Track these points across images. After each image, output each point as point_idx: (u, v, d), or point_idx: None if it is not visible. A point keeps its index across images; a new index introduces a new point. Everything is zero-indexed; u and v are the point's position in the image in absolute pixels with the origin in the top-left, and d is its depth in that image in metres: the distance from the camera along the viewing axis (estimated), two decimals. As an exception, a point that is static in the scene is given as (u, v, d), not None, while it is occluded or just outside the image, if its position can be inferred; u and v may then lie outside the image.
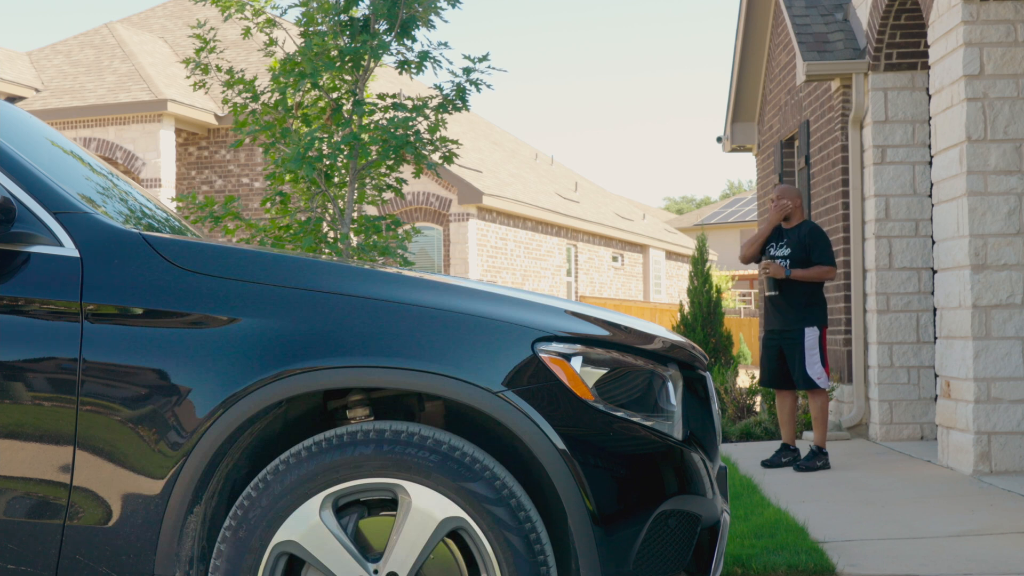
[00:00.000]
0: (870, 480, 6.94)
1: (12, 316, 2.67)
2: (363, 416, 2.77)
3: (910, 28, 8.76)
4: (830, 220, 9.97)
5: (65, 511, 2.62)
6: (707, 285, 13.81)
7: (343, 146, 7.61)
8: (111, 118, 18.77)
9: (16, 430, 2.64)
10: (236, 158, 19.52)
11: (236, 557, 2.59)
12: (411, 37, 7.97)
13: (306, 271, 2.82)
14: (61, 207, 2.74)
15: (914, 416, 8.85)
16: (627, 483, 2.66)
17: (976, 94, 6.89)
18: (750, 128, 13.93)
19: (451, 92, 7.96)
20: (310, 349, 2.62)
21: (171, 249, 2.75)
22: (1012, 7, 6.90)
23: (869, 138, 8.99)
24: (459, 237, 21.30)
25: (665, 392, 2.78)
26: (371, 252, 7.76)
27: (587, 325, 2.84)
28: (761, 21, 12.92)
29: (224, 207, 7.77)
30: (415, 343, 2.64)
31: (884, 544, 5.07)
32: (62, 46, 21.33)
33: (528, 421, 2.59)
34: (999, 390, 6.86)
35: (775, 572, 4.56)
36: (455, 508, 2.57)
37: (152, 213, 3.40)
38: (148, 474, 2.59)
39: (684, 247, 34.18)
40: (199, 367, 2.62)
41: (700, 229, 18.84)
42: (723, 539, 2.93)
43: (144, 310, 2.67)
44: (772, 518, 5.52)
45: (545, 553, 2.59)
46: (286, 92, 7.77)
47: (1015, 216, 6.89)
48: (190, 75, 8.21)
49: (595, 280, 28.01)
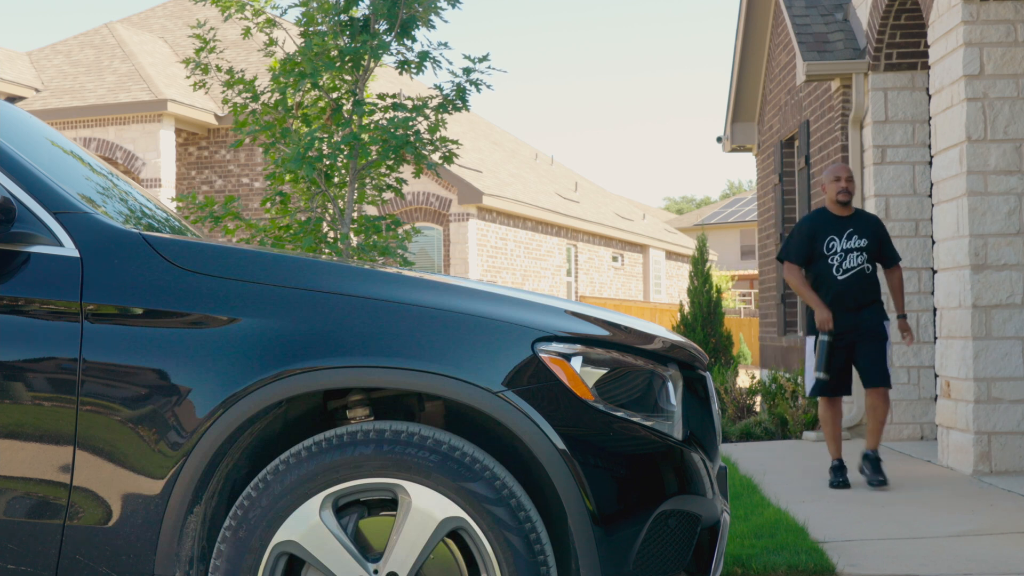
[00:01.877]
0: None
1: (12, 316, 2.67)
2: (363, 416, 2.77)
3: (910, 28, 8.75)
4: (830, 220, 9.97)
5: (65, 511, 2.62)
6: (707, 285, 13.82)
7: (343, 146, 7.61)
8: (111, 118, 18.77)
9: (16, 430, 2.64)
10: (236, 158, 19.52)
11: (236, 557, 2.59)
12: (411, 37, 7.98)
13: (306, 271, 2.81)
14: (61, 207, 2.74)
15: (914, 416, 8.85)
16: (627, 483, 2.66)
17: (976, 94, 6.89)
18: (750, 128, 13.92)
19: (451, 92, 7.96)
20: (310, 349, 2.62)
21: (171, 249, 2.75)
22: (1012, 7, 6.90)
23: (869, 138, 8.99)
24: (459, 237, 21.30)
25: (665, 392, 2.78)
26: (371, 252, 7.77)
27: (587, 325, 2.84)
28: (761, 21, 12.92)
29: (224, 207, 7.77)
30: (415, 343, 2.64)
31: (884, 544, 5.07)
32: (62, 46, 21.33)
33: (528, 421, 2.59)
34: (999, 390, 6.86)
35: (775, 572, 4.56)
36: (455, 508, 2.56)
37: (152, 213, 3.40)
38: (148, 474, 2.59)
39: (684, 247, 34.18)
40: (199, 367, 2.62)
41: (700, 229, 18.85)
42: (723, 539, 2.93)
43: (144, 310, 2.67)
44: (772, 518, 5.52)
45: (545, 553, 2.59)
46: (286, 92, 7.78)
47: (1015, 216, 6.89)
48: (190, 75, 8.21)
49: (595, 280, 28.01)
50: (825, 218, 6.84)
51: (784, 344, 12.10)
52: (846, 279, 6.67)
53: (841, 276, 6.67)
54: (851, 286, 6.68)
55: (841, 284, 6.67)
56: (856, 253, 6.71)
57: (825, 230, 6.76)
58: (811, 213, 7.04)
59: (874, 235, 6.79)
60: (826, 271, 6.71)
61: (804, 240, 6.78)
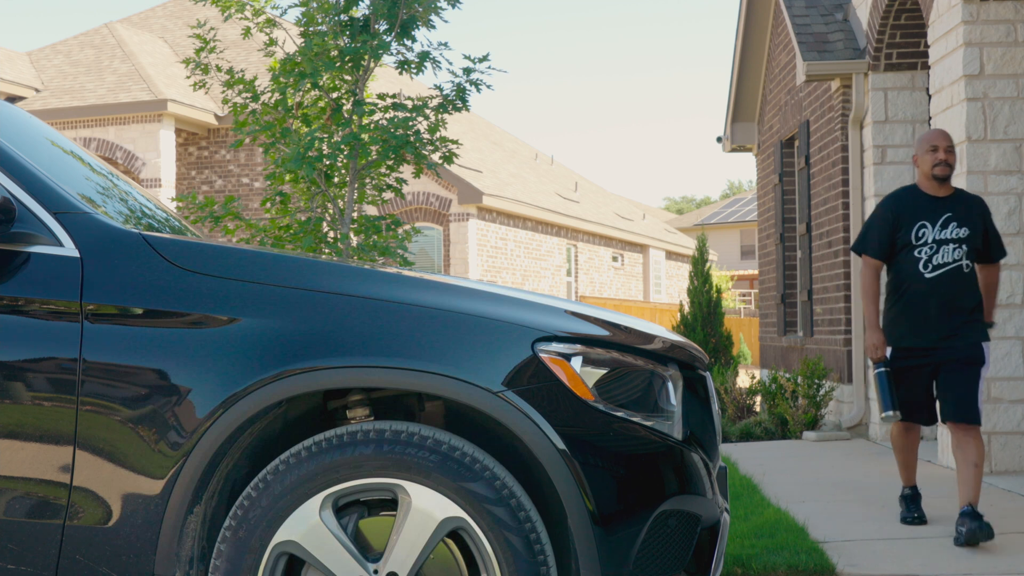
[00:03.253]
0: (870, 480, 6.94)
1: (12, 316, 2.67)
2: (363, 416, 2.77)
3: (910, 28, 8.76)
4: (830, 220, 9.97)
5: (65, 511, 2.62)
6: (707, 285, 13.82)
7: (343, 146, 7.61)
8: (111, 118, 18.77)
9: (16, 430, 2.64)
10: (236, 158, 19.52)
11: (236, 557, 2.59)
12: (411, 37, 7.97)
13: (306, 271, 2.82)
14: (61, 207, 2.74)
15: (914, 416, 8.83)
16: (627, 483, 2.66)
17: (976, 94, 6.89)
18: (750, 128, 13.93)
19: (451, 92, 7.96)
20: (310, 349, 2.62)
21: (171, 249, 2.75)
22: (1012, 7, 6.90)
23: (869, 138, 8.99)
24: (459, 237, 21.30)
25: (665, 392, 2.78)
26: (371, 252, 7.76)
27: (587, 325, 2.84)
28: (761, 21, 12.92)
29: (224, 207, 7.77)
30: (415, 343, 2.64)
31: (884, 544, 5.07)
32: (62, 46, 21.33)
33: (528, 421, 2.59)
34: (999, 390, 6.86)
35: (775, 572, 4.56)
36: (455, 508, 2.57)
37: (152, 213, 3.40)
38: (148, 474, 2.59)
39: (684, 247, 34.18)
40: (199, 367, 2.62)
41: (700, 229, 18.86)
42: (723, 539, 2.93)
43: (144, 310, 2.67)
44: (772, 518, 5.53)
45: (545, 553, 2.60)
46: (286, 92, 7.77)
47: (1015, 216, 6.89)
48: (190, 75, 8.21)
49: (595, 280, 28.01)
50: (915, 198, 5.34)
51: (784, 344, 12.11)
52: (936, 278, 5.21)
53: (930, 274, 5.21)
54: (942, 288, 5.21)
55: (929, 285, 5.21)
56: (953, 246, 5.22)
57: (914, 214, 5.28)
58: (897, 191, 5.51)
59: (978, 223, 5.30)
60: (911, 267, 5.25)
61: (887, 227, 5.33)
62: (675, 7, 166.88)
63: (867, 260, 5.42)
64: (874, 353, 5.33)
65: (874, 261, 5.39)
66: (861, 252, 5.46)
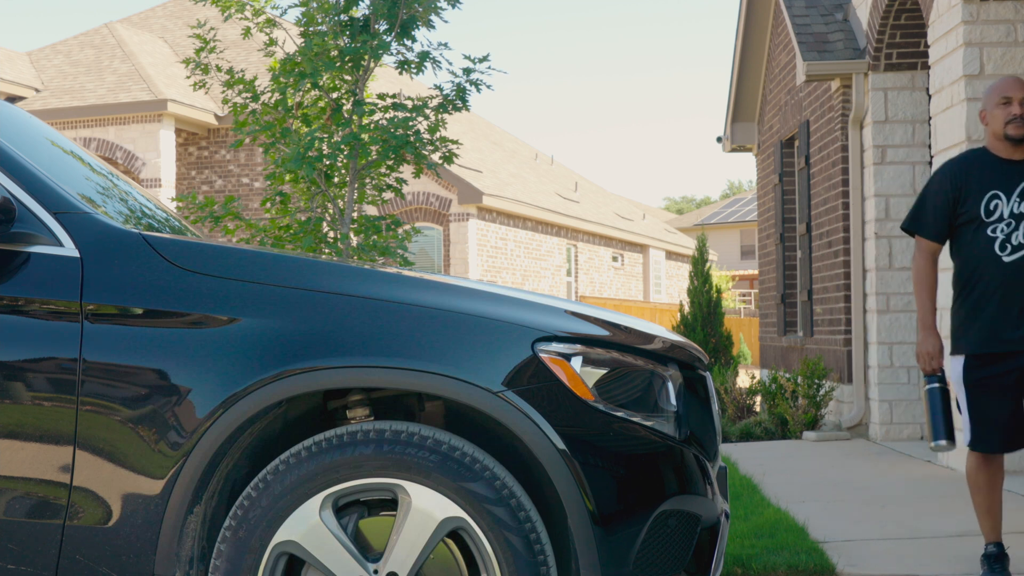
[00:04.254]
0: (870, 480, 6.94)
1: (12, 316, 2.67)
2: (363, 416, 2.77)
3: (910, 28, 8.76)
4: (830, 220, 9.97)
5: (65, 511, 2.62)
6: (707, 285, 13.82)
7: (343, 146, 7.61)
8: (111, 118, 18.78)
9: (16, 430, 2.64)
10: (236, 158, 19.52)
11: (236, 557, 2.59)
12: (411, 37, 7.97)
13: (306, 271, 2.82)
14: (61, 207, 2.74)
15: (914, 416, 8.85)
16: (627, 483, 2.66)
17: (976, 94, 6.88)
18: (750, 128, 13.93)
19: (451, 92, 7.96)
20: (310, 349, 2.62)
21: (171, 249, 2.75)
22: (1012, 7, 6.90)
23: (869, 138, 8.99)
24: (459, 237, 21.30)
25: (665, 392, 2.78)
26: (371, 252, 7.76)
27: (587, 325, 2.84)
28: (761, 21, 12.92)
29: (224, 207, 7.76)
30: (415, 343, 2.64)
31: (884, 544, 5.07)
32: (62, 46, 21.33)
33: (528, 421, 2.59)
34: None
35: (775, 572, 4.56)
36: (455, 508, 2.57)
37: (152, 213, 3.40)
38: (148, 474, 2.59)
39: (684, 247, 34.18)
40: (199, 367, 2.62)
41: (700, 229, 18.85)
42: (723, 539, 2.93)
43: (144, 310, 2.67)
44: (772, 518, 5.53)
45: (545, 553, 2.60)
46: (286, 92, 7.77)
47: (1015, 216, 6.87)
48: (190, 75, 8.21)
49: (595, 280, 28.01)
50: (984, 163, 4.24)
51: (784, 344, 12.11)
52: (1017, 262, 4.14)
53: (1008, 257, 4.15)
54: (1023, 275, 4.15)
55: (1009, 271, 4.15)
56: None
57: (982, 182, 4.19)
58: (962, 154, 4.40)
59: None
60: (983, 249, 4.18)
61: (946, 199, 4.25)
62: (675, 7, 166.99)
63: (920, 242, 4.34)
64: (928, 364, 4.32)
65: (929, 243, 4.32)
66: (913, 232, 4.39)
